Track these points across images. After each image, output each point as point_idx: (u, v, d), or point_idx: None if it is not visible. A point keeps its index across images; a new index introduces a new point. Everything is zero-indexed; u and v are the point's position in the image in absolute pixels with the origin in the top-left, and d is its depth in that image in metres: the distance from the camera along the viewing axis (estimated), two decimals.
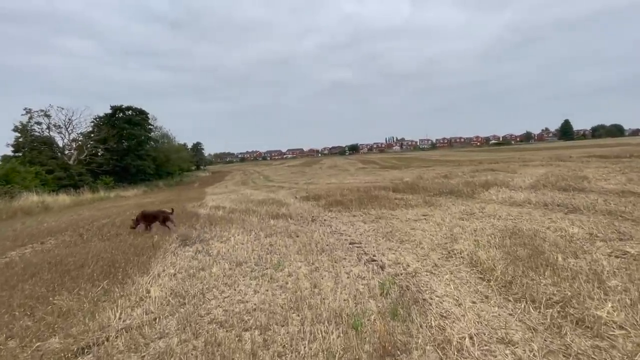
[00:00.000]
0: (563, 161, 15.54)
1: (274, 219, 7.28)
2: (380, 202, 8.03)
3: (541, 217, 5.28)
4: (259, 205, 9.72)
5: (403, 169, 27.77)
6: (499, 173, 12.61)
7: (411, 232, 5.15)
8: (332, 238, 5.20)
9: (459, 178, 12.20)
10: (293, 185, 22.73)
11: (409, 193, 9.84)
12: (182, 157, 58.74)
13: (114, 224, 8.47)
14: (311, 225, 6.30)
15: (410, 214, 6.51)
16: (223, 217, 7.96)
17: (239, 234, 6.06)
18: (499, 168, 14.40)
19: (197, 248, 5.31)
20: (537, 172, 11.64)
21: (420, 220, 5.86)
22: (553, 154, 25.09)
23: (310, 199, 10.49)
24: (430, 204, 7.34)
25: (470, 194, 8.07)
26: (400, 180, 14.71)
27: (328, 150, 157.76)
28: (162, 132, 58.49)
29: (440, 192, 8.92)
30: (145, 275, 4.10)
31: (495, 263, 3.43)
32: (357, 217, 6.75)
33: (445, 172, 16.11)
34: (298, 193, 13.15)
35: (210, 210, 9.75)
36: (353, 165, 47.58)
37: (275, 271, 3.90)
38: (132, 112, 46.57)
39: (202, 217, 8.37)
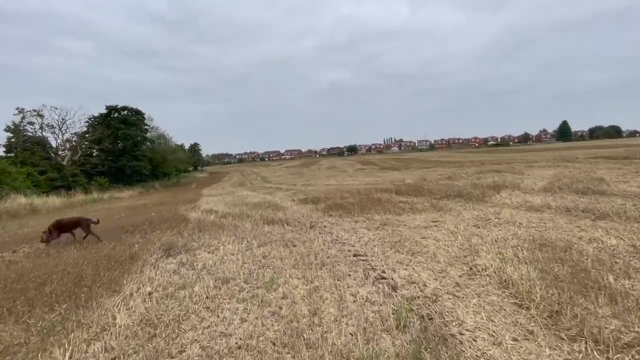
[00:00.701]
0: (569, 162, 15.02)
1: (269, 224, 6.68)
2: (384, 206, 7.44)
3: (567, 225, 4.70)
4: (254, 209, 9.12)
5: (403, 170, 27.22)
6: (505, 174, 12.06)
7: (422, 241, 4.57)
8: (334, 248, 4.60)
9: (464, 180, 11.64)
10: (291, 187, 22.13)
11: (414, 196, 9.27)
12: (179, 157, 58.01)
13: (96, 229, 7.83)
14: (309, 233, 5.71)
15: (418, 219, 5.93)
16: (214, 223, 7.35)
17: (229, 242, 5.45)
18: (504, 169, 13.86)
19: (181, 259, 4.70)
20: (546, 174, 11.11)
21: (430, 228, 5.28)
22: (556, 154, 24.62)
23: (308, 201, 9.90)
24: (438, 209, 6.76)
25: (481, 197, 7.50)
26: (402, 181, 14.14)
27: (326, 151, 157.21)
28: (159, 133, 57.78)
29: (447, 194, 8.35)
30: (115, 295, 3.49)
31: (531, 284, 2.85)
32: (359, 223, 6.16)
33: (448, 173, 15.57)
34: (296, 195, 12.56)
35: (202, 214, 9.13)
36: (352, 166, 47.02)
37: (267, 291, 3.30)
38: (127, 112, 45.85)
39: (192, 222, 7.76)
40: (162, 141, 58.05)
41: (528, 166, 14.48)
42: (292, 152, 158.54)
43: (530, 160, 19.13)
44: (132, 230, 7.42)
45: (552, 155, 22.74)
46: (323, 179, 27.38)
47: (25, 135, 37.45)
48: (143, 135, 48.27)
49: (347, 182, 18.78)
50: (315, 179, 28.81)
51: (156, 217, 9.25)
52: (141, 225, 8.07)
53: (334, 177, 27.44)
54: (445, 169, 21.47)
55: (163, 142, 58.07)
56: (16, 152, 35.07)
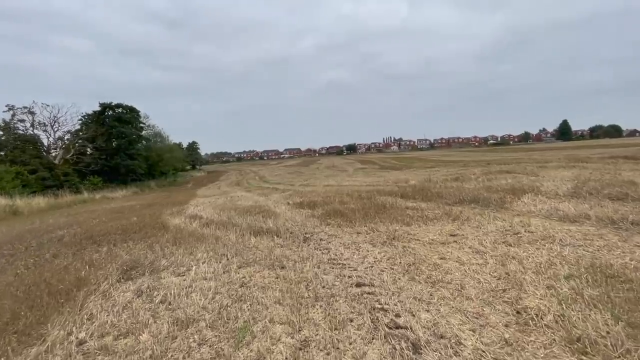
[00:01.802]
0: (584, 162, 14.10)
1: (256, 235, 5.74)
2: (389, 214, 6.50)
3: (623, 244, 3.77)
4: (243, 215, 8.17)
5: (404, 169, 26.29)
6: (519, 176, 11.13)
7: (442, 264, 3.63)
8: (331, 273, 3.66)
9: (474, 181, 10.71)
10: (288, 187, 21.19)
11: (421, 200, 8.33)
12: (176, 156, 57.01)
13: (60, 239, 6.89)
14: (302, 248, 4.76)
15: (432, 231, 4.99)
16: (194, 233, 6.40)
17: (205, 260, 4.51)
18: (515, 170, 12.92)
19: (141, 286, 3.76)
20: (564, 175, 10.18)
21: (449, 244, 4.34)
22: (565, 154, 23.70)
23: (304, 206, 8.95)
24: (453, 217, 5.82)
25: (500, 203, 6.56)
26: (405, 182, 13.21)
27: (326, 150, 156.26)
28: (155, 131, 56.82)
29: (460, 199, 7.41)
30: (29, 348, 2.55)
31: (615, 342, 1.92)
32: (362, 235, 5.22)
33: (454, 173, 14.64)
34: (292, 198, 11.62)
35: (185, 221, 8.18)
36: (351, 166, 46.10)
37: (237, 347, 2.36)
38: (122, 110, 44.79)
39: (171, 231, 6.81)
40: (158, 139, 57.06)
41: (540, 167, 13.55)
42: (291, 151, 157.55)
43: (540, 160, 18.21)
44: (101, 241, 6.47)
45: (561, 155, 21.82)
46: (322, 178, 26.43)
47: (15, 133, 36.45)
48: (138, 133, 47.23)
49: (346, 183, 17.85)
50: (313, 178, 27.86)
51: (134, 224, 8.30)
52: (114, 233, 7.12)
53: (333, 177, 26.51)
54: (450, 168, 20.55)
55: (159, 140, 57.08)
56: (6, 151, 34.05)
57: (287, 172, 46.09)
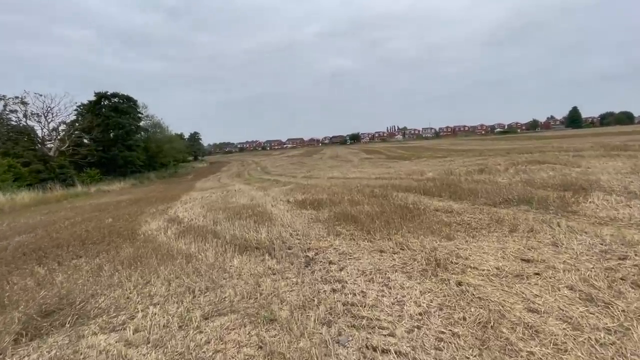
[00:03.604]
0: (623, 150, 12.42)
1: (242, 252, 4.27)
2: (417, 219, 4.99)
3: None
4: (232, 218, 6.71)
5: (414, 159, 24.64)
6: (557, 167, 9.53)
7: (540, 325, 2.14)
8: (352, 343, 2.18)
9: (506, 175, 9.14)
10: (290, 179, 19.72)
11: (450, 198, 6.81)
12: (176, 147, 55.67)
13: (4, 250, 5.49)
14: (304, 278, 3.29)
15: (488, 251, 3.48)
16: (163, 247, 4.95)
17: (161, 299, 3.06)
18: (549, 160, 11.28)
19: (50, 349, 2.33)
20: (616, 166, 8.57)
21: (529, 278, 2.83)
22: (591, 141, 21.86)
23: (307, 205, 7.48)
24: (508, 226, 4.30)
25: (562, 205, 5.01)
26: (421, 175, 11.66)
27: (329, 139, 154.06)
28: (154, 121, 55.27)
29: (503, 199, 5.87)
30: None
31: None
32: (387, 255, 3.73)
33: (475, 165, 13.03)
34: (293, 193, 10.15)
35: (161, 225, 6.74)
36: (356, 155, 44.43)
37: None
38: (118, 100, 43.28)
39: (136, 242, 5.38)
40: (157, 130, 55.61)
41: (576, 156, 11.90)
42: (294, 141, 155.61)
43: (568, 149, 16.48)
44: (47, 255, 5.06)
45: (587, 143, 20.01)
46: (326, 170, 24.91)
47: (8, 125, 35.18)
48: (136, 123, 45.79)
49: (353, 175, 16.33)
50: (317, 170, 26.35)
51: (103, 228, 6.89)
52: (71, 243, 5.71)
53: (338, 168, 24.97)
54: (465, 158, 18.90)
55: (159, 131, 55.62)
56: None
57: (290, 163, 44.60)
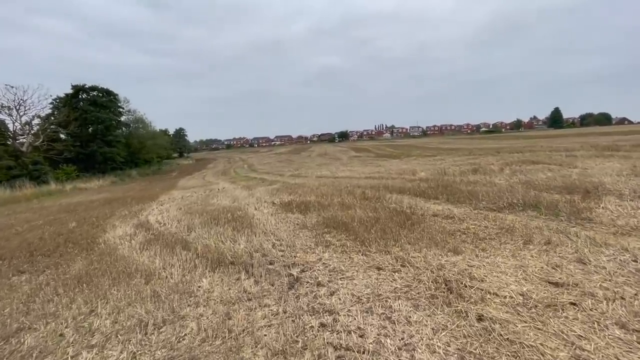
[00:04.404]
0: (615, 150, 12.29)
1: (215, 269, 3.63)
2: (416, 227, 4.45)
3: None
4: (210, 223, 6.02)
5: (404, 158, 24.29)
6: (553, 167, 9.21)
7: None
8: None
9: (502, 175, 8.75)
10: (277, 178, 19.02)
11: (446, 201, 6.32)
12: (159, 143, 53.89)
13: None
14: (285, 310, 2.68)
15: (505, 271, 2.95)
16: (119, 262, 4.24)
17: (98, 340, 2.40)
18: (543, 160, 11.00)
19: None
20: (613, 167, 8.28)
21: (563, 309, 2.31)
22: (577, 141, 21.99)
23: (293, 207, 6.86)
24: (522, 237, 3.80)
25: (573, 211, 4.56)
26: (413, 175, 11.20)
27: (317, 137, 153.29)
28: (136, 116, 53.32)
29: (507, 203, 5.40)
30: None
31: None
32: (386, 273, 3.16)
33: (468, 164, 12.67)
34: (279, 194, 9.50)
35: (127, 232, 5.99)
36: (345, 154, 43.96)
37: None
38: (97, 93, 41.38)
39: (92, 255, 4.65)
40: (140, 125, 53.69)
41: (570, 156, 11.67)
42: (282, 138, 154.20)
43: (557, 149, 16.38)
44: None
45: (576, 142, 20.06)
46: (314, 168, 24.29)
47: None
48: (116, 118, 43.99)
49: (342, 174, 15.77)
50: (305, 168, 25.70)
51: (58, 236, 6.09)
52: (16, 255, 4.92)
53: (327, 166, 24.38)
54: (455, 157, 18.61)
55: (141, 126, 53.70)
56: None
57: (277, 161, 43.76)
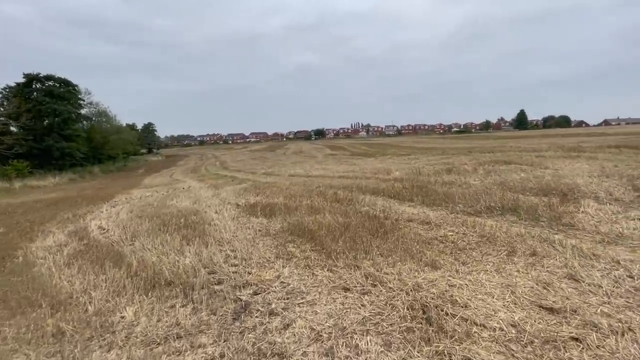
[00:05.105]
0: (582, 152, 12.60)
1: (147, 292, 2.95)
2: (390, 235, 3.99)
3: None
4: (158, 230, 5.27)
5: (379, 157, 24.14)
6: (526, 168, 9.16)
7: None
8: None
9: (476, 176, 8.57)
10: (248, 176, 18.19)
11: (422, 203, 5.95)
12: (124, 138, 50.88)
13: None
14: (224, 353, 2.09)
15: (492, 292, 2.52)
16: (30, 282, 3.46)
17: None
18: (514, 160, 11.01)
19: None
20: (584, 168, 8.32)
21: (565, 347, 1.88)
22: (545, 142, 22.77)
23: (257, 211, 6.23)
24: (500, 244, 3.42)
25: (555, 217, 4.27)
26: (388, 174, 10.87)
27: (293, 134, 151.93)
28: (99, 109, 50.04)
29: (485, 206, 5.08)
30: None
31: None
32: (353, 295, 2.64)
33: (442, 164, 12.52)
34: (246, 194, 8.82)
35: (58, 241, 5.12)
36: (320, 151, 43.53)
37: None
38: (54, 83, 38.22)
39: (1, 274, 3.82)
40: (103, 119, 50.45)
41: (539, 156, 11.81)
42: (258, 135, 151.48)
43: (526, 149, 16.74)
44: None
45: (543, 143, 20.73)
46: (288, 166, 23.59)
47: None
48: (76, 111, 40.96)
49: (316, 172, 15.25)
50: (279, 165, 24.93)
51: None
52: None
53: (301, 164, 23.75)
54: (429, 156, 18.62)
55: (105, 120, 50.47)
56: None
57: (251, 158, 42.59)
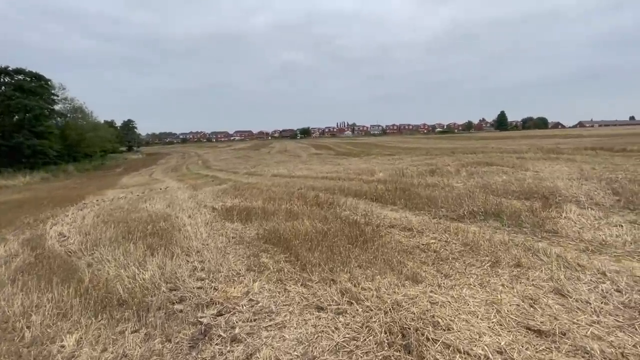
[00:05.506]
0: (560, 154, 12.84)
1: (96, 314, 2.61)
2: (370, 245, 3.77)
3: None
4: (123, 238, 4.87)
5: (363, 157, 24.06)
6: (507, 170, 9.18)
7: None
8: None
9: (459, 178, 8.52)
10: (230, 176, 17.71)
11: (404, 207, 5.78)
12: (101, 136, 48.96)
13: None
14: None
15: (475, 310, 2.33)
16: None
17: None
18: (495, 162, 11.07)
19: None
20: (563, 170, 8.39)
21: None
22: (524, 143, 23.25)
23: (234, 215, 5.91)
24: (483, 253, 3.26)
25: (537, 223, 4.16)
26: (371, 175, 10.71)
27: (279, 133, 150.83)
28: (75, 106, 47.94)
29: (467, 211, 4.95)
30: None
31: None
32: (327, 314, 2.40)
33: (425, 164, 12.47)
34: (224, 196, 8.47)
35: (6, 251, 4.66)
36: (305, 151, 43.19)
37: None
38: (24, 77, 36.28)
39: None
40: (79, 116, 48.41)
41: (519, 158, 11.93)
42: (242, 134, 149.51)
43: (507, 150, 17.00)
44: None
45: (523, 145, 21.15)
46: (272, 165, 23.17)
47: None
48: (49, 107, 39.13)
49: (299, 172, 14.97)
50: (262, 165, 24.46)
51: None
52: None
53: (285, 164, 23.38)
54: (413, 157, 18.65)
55: (80, 116, 48.43)
56: None
57: (235, 157, 41.78)
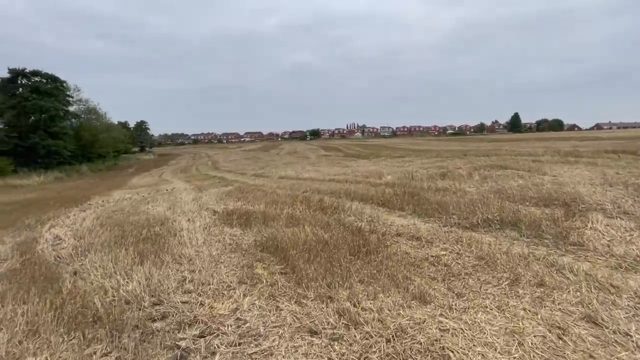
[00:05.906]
0: (578, 157, 12.23)
1: (68, 332, 2.39)
2: (374, 256, 3.47)
3: None
4: (115, 243, 4.69)
5: (372, 159, 23.67)
6: (523, 174, 8.71)
7: None
8: None
9: (471, 182, 8.09)
10: (238, 178, 17.62)
11: (413, 213, 5.45)
12: (114, 136, 49.82)
13: None
14: None
15: (494, 342, 2.01)
16: None
17: None
18: (510, 165, 10.57)
19: None
20: (584, 175, 7.89)
21: None
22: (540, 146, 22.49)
23: (233, 220, 5.68)
24: (501, 269, 2.93)
25: (560, 234, 3.78)
26: (379, 178, 10.36)
27: (289, 134, 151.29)
28: (89, 107, 48.92)
29: (482, 218, 4.59)
30: None
31: None
32: (321, 340, 2.12)
33: (436, 167, 12.04)
34: (227, 199, 8.27)
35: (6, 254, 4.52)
36: (314, 152, 43.01)
37: None
38: (41, 79, 37.15)
39: None
40: (93, 117, 49.38)
41: (535, 161, 11.39)
42: (253, 135, 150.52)
43: (521, 153, 16.38)
44: None
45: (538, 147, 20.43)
46: (280, 167, 23.03)
47: None
48: (64, 108, 39.97)
49: (307, 174, 14.70)
50: (271, 166, 24.37)
51: None
52: None
53: (293, 166, 23.20)
54: (423, 159, 18.18)
55: (94, 117, 49.40)
56: None
57: (244, 158, 41.91)
